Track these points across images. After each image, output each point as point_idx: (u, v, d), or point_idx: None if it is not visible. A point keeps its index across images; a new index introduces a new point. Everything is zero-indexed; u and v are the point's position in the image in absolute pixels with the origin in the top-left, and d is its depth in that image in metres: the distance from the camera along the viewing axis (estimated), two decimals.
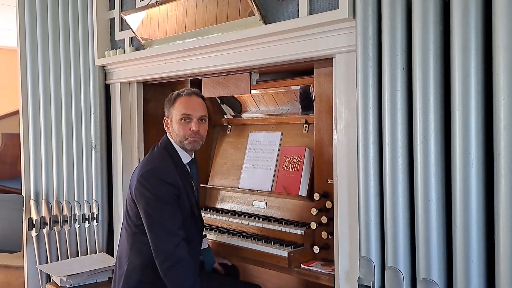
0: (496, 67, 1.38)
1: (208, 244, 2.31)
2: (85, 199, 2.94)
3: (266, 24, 2.07)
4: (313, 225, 2.18)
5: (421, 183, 1.55)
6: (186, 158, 2.13)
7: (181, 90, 2.15)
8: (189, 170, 2.15)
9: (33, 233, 3.10)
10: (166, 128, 2.15)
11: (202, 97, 2.17)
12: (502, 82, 1.37)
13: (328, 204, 2.13)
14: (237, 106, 2.80)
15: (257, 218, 2.48)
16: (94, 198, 2.90)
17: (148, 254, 1.99)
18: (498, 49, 1.37)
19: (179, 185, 2.02)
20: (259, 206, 2.57)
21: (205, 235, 2.30)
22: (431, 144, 1.52)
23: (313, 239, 2.22)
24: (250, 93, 2.45)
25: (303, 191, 2.34)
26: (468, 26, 1.43)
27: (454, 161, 1.47)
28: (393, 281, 1.63)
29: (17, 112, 3.39)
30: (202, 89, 2.58)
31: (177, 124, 2.08)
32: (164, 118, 2.16)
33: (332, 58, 1.92)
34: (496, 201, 1.40)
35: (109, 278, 2.59)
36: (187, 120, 2.07)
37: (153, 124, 2.92)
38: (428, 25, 1.52)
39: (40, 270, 3.05)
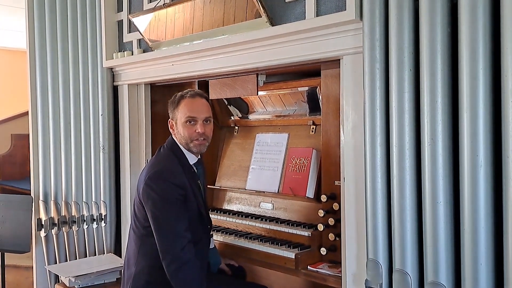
0: (504, 68, 1.37)
1: (214, 245, 2.31)
2: (93, 200, 2.96)
3: (273, 26, 2.07)
4: (320, 227, 2.17)
5: (429, 185, 1.54)
6: (192, 159, 2.14)
7: (185, 91, 2.14)
8: (196, 170, 2.15)
9: (42, 233, 3.12)
10: (171, 130, 2.16)
11: (206, 98, 2.15)
12: (510, 84, 1.36)
13: (335, 206, 2.12)
14: (244, 107, 2.80)
15: (264, 219, 2.48)
16: (102, 199, 2.92)
17: (155, 256, 1.99)
18: (507, 51, 1.36)
19: (186, 186, 2.03)
20: (266, 207, 2.58)
21: (212, 235, 2.30)
22: (439, 146, 1.52)
23: (320, 240, 2.21)
24: (257, 94, 2.46)
25: (310, 193, 2.33)
26: (476, 28, 1.42)
27: (462, 163, 1.46)
28: (401, 283, 1.63)
29: (26, 113, 3.42)
30: (209, 90, 2.59)
31: (182, 127, 2.08)
32: (169, 120, 2.16)
33: (339, 59, 1.92)
34: (504, 203, 1.39)
35: (117, 278, 2.61)
36: (192, 123, 2.07)
37: (160, 125, 2.92)
38: (436, 26, 1.51)
39: (48, 270, 3.08)
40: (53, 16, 3.07)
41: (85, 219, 2.98)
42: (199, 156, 2.19)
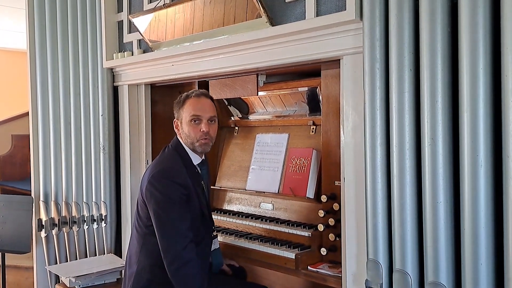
0: (504, 68, 1.37)
1: (218, 245, 2.31)
2: (93, 200, 2.96)
3: (273, 26, 2.07)
4: (321, 227, 2.17)
5: (429, 185, 1.54)
6: (196, 159, 2.14)
7: (190, 91, 2.16)
8: (199, 171, 2.16)
9: (43, 234, 3.12)
10: (176, 130, 2.17)
11: (211, 98, 2.17)
12: (510, 83, 1.36)
13: (335, 206, 2.12)
14: (244, 108, 2.80)
15: (264, 219, 2.48)
16: (102, 199, 2.92)
17: (158, 255, 2.00)
18: (507, 51, 1.36)
19: (189, 186, 2.04)
20: (266, 207, 2.58)
21: (216, 235, 2.31)
22: (439, 146, 1.52)
23: (321, 241, 2.21)
24: (257, 94, 2.46)
25: (310, 193, 2.33)
26: (476, 27, 1.42)
27: (462, 163, 1.46)
28: (401, 283, 1.63)
29: (27, 113, 3.42)
30: (210, 91, 2.59)
31: (187, 126, 2.09)
32: (174, 120, 2.17)
33: (339, 59, 1.92)
34: (504, 203, 1.39)
35: (117, 279, 2.61)
36: (197, 122, 2.08)
37: (160, 125, 2.94)
38: (436, 26, 1.51)
39: (49, 270, 3.08)
40: (53, 17, 3.07)
41: (85, 219, 2.99)
42: (203, 157, 2.19)
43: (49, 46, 3.10)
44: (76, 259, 3.03)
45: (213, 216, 2.42)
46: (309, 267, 2.13)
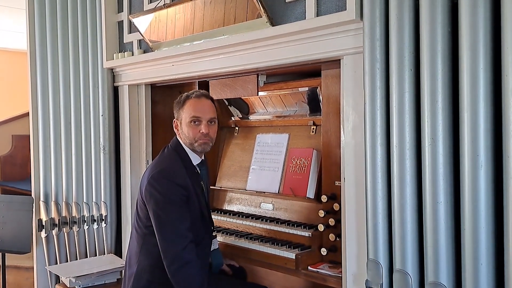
0: (505, 68, 1.37)
1: (218, 246, 2.31)
2: (93, 200, 2.96)
3: (273, 26, 2.07)
4: (321, 227, 2.17)
5: (429, 185, 1.54)
6: (196, 159, 2.14)
7: (190, 92, 2.16)
8: (199, 171, 2.16)
9: (43, 234, 3.12)
10: (175, 130, 2.17)
11: (211, 99, 2.17)
12: (511, 83, 1.36)
13: (335, 206, 2.12)
14: (245, 108, 2.80)
15: (264, 219, 2.48)
16: (102, 199, 2.92)
17: (157, 255, 2.00)
18: (507, 50, 1.36)
19: (189, 186, 2.04)
20: (266, 207, 2.57)
21: (215, 236, 2.31)
22: (439, 146, 1.51)
23: (321, 241, 2.21)
24: (258, 95, 2.46)
25: (310, 193, 2.33)
26: (477, 27, 1.42)
27: (462, 163, 1.46)
28: (401, 284, 1.62)
29: (27, 114, 3.42)
30: (210, 91, 2.59)
31: (186, 127, 2.09)
32: (174, 120, 2.17)
33: (340, 59, 1.92)
34: (505, 203, 1.39)
35: (117, 279, 2.61)
36: (196, 123, 2.08)
37: (161, 125, 2.94)
38: (436, 26, 1.51)
39: (49, 271, 3.08)
40: (53, 17, 3.07)
41: (85, 219, 2.99)
42: (203, 157, 2.19)
43: (49, 46, 3.10)
44: (76, 259, 3.03)
45: (214, 216, 2.43)
46: (309, 267, 2.13)
